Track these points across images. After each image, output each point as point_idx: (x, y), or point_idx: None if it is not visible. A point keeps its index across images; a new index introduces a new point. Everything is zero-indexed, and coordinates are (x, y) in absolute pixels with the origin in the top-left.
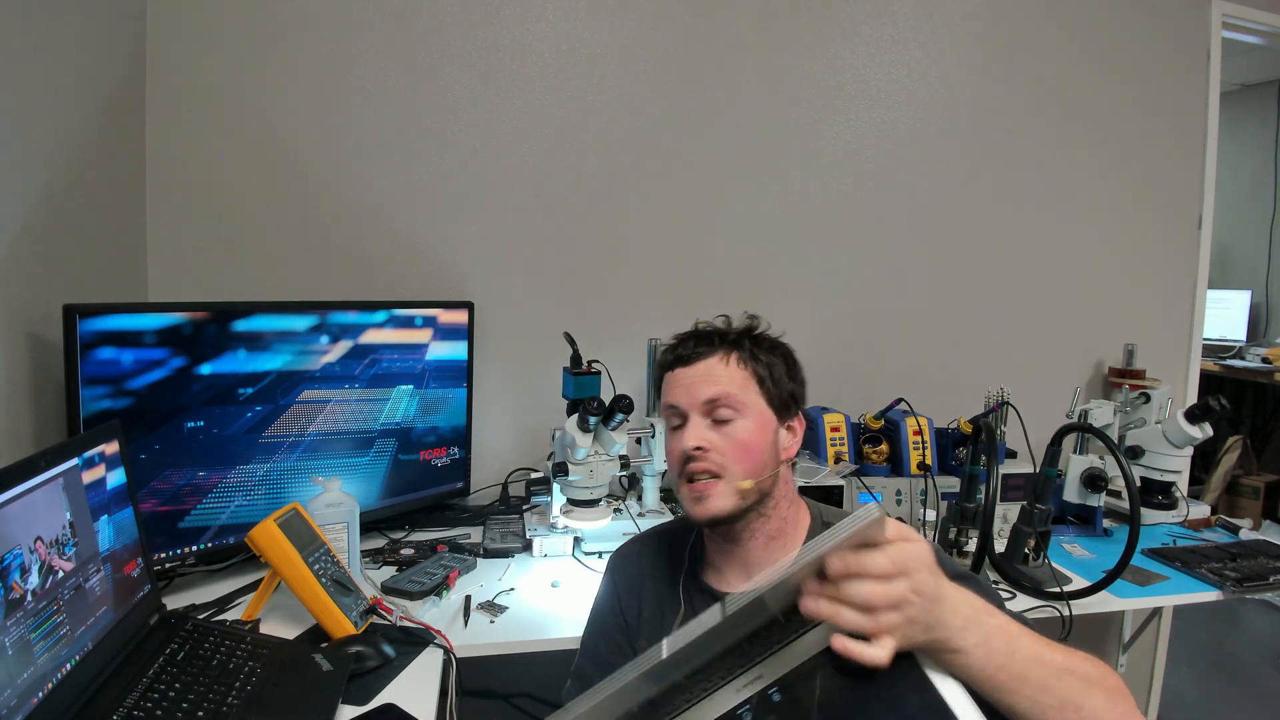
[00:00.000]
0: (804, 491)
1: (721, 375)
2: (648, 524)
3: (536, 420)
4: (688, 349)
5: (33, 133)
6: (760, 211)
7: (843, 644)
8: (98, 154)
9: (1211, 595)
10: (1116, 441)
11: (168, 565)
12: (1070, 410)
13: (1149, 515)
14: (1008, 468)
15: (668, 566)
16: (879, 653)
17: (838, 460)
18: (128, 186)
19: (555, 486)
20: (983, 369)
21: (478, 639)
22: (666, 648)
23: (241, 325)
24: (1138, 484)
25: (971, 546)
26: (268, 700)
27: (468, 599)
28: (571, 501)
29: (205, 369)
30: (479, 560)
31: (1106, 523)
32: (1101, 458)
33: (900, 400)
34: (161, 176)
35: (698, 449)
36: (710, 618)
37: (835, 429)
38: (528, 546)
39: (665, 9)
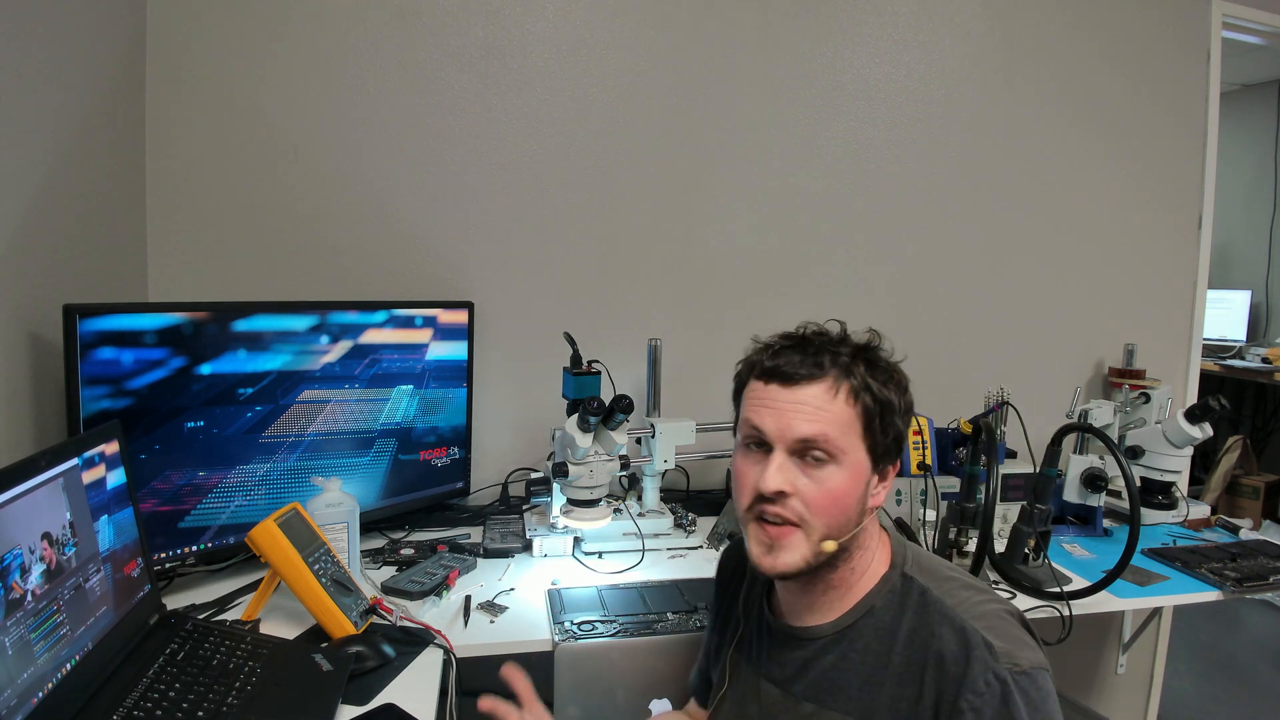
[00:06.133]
0: None
1: (826, 411)
2: (647, 524)
3: (536, 420)
4: (791, 365)
5: (32, 132)
6: (760, 212)
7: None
8: (97, 153)
9: (1211, 595)
10: (1116, 441)
11: (168, 565)
12: (1070, 410)
13: (1149, 515)
14: (1008, 468)
15: (747, 575)
16: None
17: None
18: (128, 186)
19: (555, 486)
20: (983, 369)
21: (478, 639)
22: None
23: (241, 325)
24: (1138, 484)
25: (971, 547)
26: (268, 700)
27: (468, 599)
28: (571, 501)
29: (205, 369)
30: (479, 560)
31: (1106, 523)
32: (1101, 458)
33: None
34: (161, 176)
35: (779, 493)
36: None
37: None
38: (528, 546)
39: (665, 9)
